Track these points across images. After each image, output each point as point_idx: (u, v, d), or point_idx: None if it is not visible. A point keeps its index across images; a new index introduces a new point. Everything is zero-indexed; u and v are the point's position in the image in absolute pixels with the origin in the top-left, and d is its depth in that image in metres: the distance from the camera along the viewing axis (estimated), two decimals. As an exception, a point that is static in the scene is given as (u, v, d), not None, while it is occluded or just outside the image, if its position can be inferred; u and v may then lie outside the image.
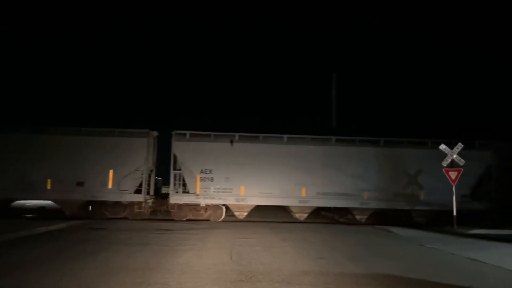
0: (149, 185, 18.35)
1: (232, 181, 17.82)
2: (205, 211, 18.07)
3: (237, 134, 18.33)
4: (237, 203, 17.90)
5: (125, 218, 17.88)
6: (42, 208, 19.57)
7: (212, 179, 17.80)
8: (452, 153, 16.03)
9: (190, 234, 12.82)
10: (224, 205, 18.14)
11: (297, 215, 18.18)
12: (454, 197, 15.65)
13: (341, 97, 27.68)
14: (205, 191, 17.72)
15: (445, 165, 16.12)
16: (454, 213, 15.54)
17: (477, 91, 29.85)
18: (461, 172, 15.96)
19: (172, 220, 17.81)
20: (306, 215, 18.15)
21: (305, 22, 40.18)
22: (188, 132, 18.26)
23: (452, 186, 15.79)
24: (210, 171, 17.82)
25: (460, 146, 16.06)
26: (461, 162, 15.94)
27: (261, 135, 18.56)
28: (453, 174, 15.86)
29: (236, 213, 18.08)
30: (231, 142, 18.09)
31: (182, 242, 10.89)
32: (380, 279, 7.14)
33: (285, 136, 18.41)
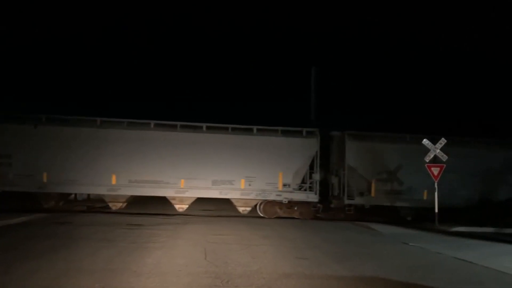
0: None
1: (34, 167, 16.25)
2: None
3: (44, 116, 16.78)
4: (40, 191, 16.45)
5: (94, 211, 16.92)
6: None
7: (10, 165, 16.22)
8: (435, 149, 15.61)
9: (161, 229, 11.96)
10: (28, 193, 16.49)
11: (110, 205, 16.97)
12: (436, 194, 15.24)
13: (321, 91, 27.05)
14: (3, 178, 16.09)
15: (427, 161, 15.68)
16: (436, 210, 15.14)
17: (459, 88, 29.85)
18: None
19: (144, 214, 16.88)
20: (120, 204, 16.97)
21: (284, 14, 39.44)
22: None
23: (434, 182, 15.39)
24: (9, 156, 16.25)
25: (443, 141, 15.63)
26: (444, 157, 15.52)
27: (71, 117, 16.97)
28: (435, 170, 15.44)
29: (42, 201, 16.65)
30: (35, 125, 16.49)
31: (152, 238, 10.05)
32: (368, 282, 6.55)
33: (98, 119, 16.94)
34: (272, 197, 17.10)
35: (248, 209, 17.34)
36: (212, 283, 5.87)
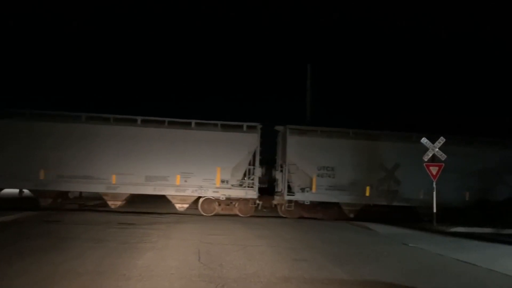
0: None
1: None
2: None
3: None
4: None
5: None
6: None
7: None
8: (433, 148, 15.33)
9: (154, 229, 11.59)
10: None
11: (40, 200, 16.35)
12: (434, 193, 14.97)
13: (318, 88, 26.77)
14: None
15: (426, 160, 15.40)
16: (434, 210, 14.88)
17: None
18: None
19: (137, 212, 16.49)
20: (50, 200, 16.34)
21: (279, 10, 39.05)
22: None
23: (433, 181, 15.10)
24: None
25: (442, 140, 15.36)
26: (443, 157, 15.25)
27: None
28: (434, 170, 15.16)
29: None
30: None
31: (144, 238, 9.68)
32: (371, 286, 6.23)
33: (28, 111, 16.24)
34: (209, 193, 16.50)
35: (186, 206, 16.62)
36: (206, 287, 5.54)
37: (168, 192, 16.50)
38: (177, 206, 16.69)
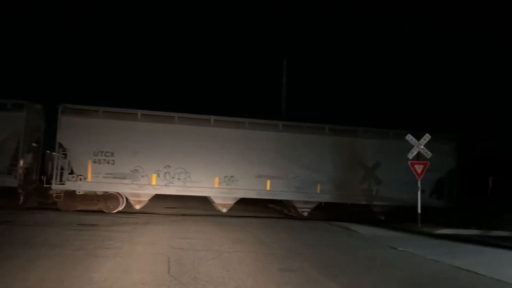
0: None
1: None
2: None
3: None
4: None
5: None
6: None
7: None
8: (418, 145, 14.66)
9: (117, 231, 10.31)
10: None
11: None
12: (419, 193, 14.31)
13: (294, 84, 26.00)
14: None
15: (410, 158, 14.72)
16: (419, 211, 14.20)
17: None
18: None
19: (101, 212, 15.09)
20: None
21: (257, 4, 38.10)
22: None
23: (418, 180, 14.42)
24: None
25: (427, 137, 14.72)
26: (428, 154, 14.61)
27: None
28: (418, 168, 14.49)
29: None
30: None
31: (105, 243, 8.40)
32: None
33: None
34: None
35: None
36: (177, 312, 4.42)
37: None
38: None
